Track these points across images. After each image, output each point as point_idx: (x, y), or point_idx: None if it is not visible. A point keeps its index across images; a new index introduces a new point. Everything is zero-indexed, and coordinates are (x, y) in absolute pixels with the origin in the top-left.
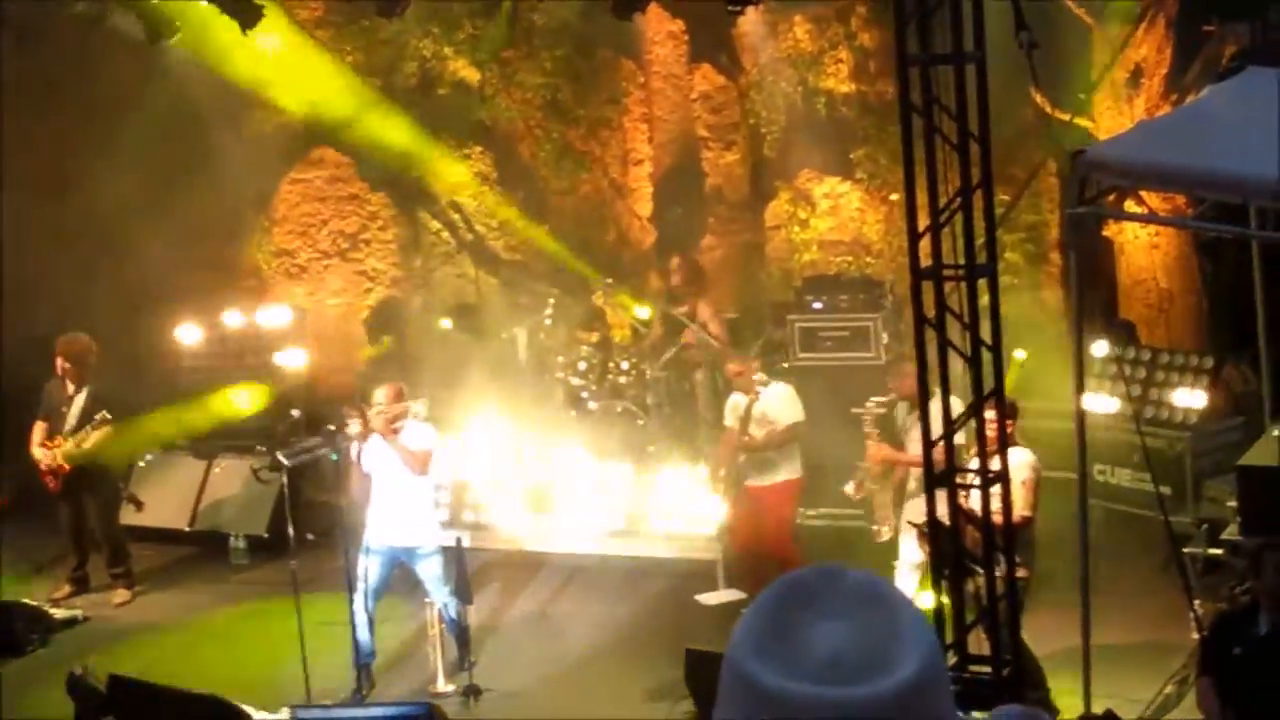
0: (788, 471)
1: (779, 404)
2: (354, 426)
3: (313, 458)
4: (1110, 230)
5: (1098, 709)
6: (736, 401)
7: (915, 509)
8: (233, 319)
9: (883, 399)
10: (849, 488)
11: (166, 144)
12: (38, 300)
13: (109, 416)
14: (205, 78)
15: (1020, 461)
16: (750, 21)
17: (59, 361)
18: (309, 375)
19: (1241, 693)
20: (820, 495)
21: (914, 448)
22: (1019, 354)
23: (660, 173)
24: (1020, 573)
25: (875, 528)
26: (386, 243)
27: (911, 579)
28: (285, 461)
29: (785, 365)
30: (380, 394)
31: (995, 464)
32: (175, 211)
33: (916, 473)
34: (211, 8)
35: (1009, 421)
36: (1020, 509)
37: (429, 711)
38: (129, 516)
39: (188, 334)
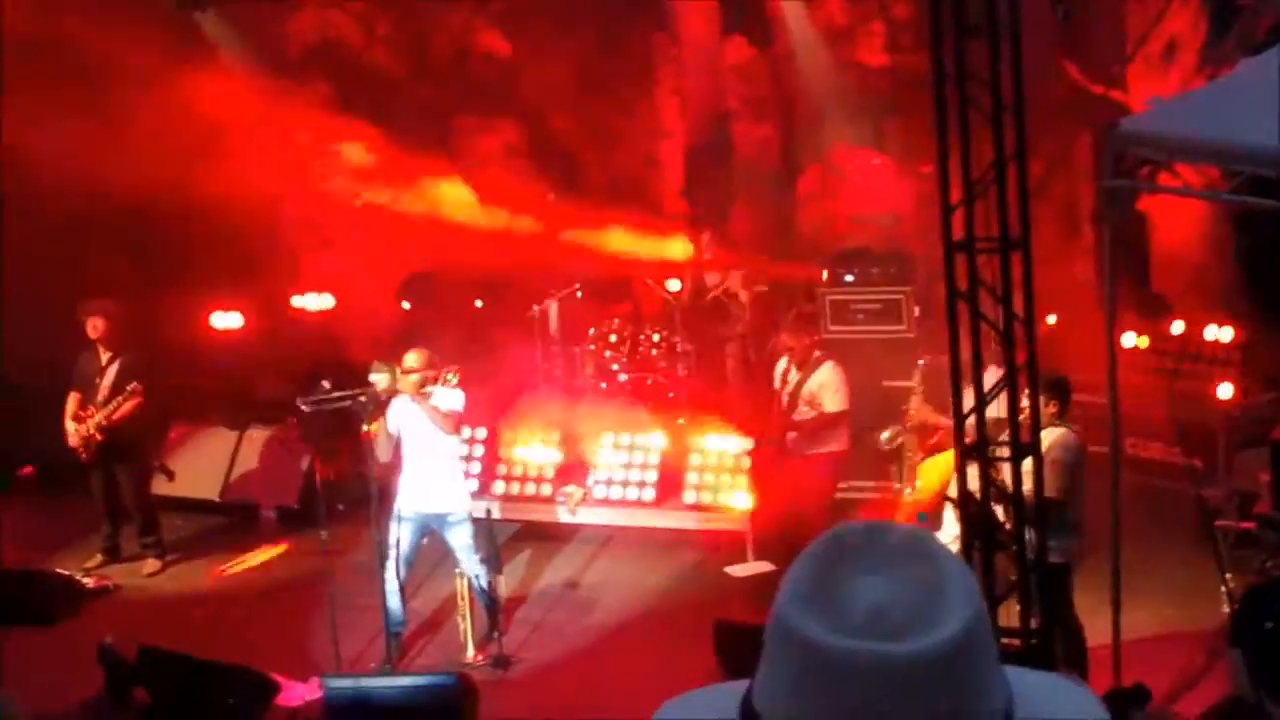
0: (835, 444)
1: (826, 389)
2: (382, 379)
3: (335, 408)
4: (1143, 203)
5: (1127, 681)
6: (785, 369)
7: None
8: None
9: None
10: (885, 435)
11: (197, 114)
12: (61, 274)
13: (140, 387)
14: (237, 47)
15: (1049, 441)
16: None
17: (89, 327)
18: (339, 347)
19: (1272, 666)
20: (853, 469)
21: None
22: (1048, 319)
23: (691, 145)
24: (1053, 558)
25: (897, 485)
26: (417, 215)
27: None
28: (305, 408)
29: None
30: (411, 357)
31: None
32: (205, 182)
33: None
34: None
35: (1054, 401)
36: (1045, 490)
37: (458, 681)
38: (160, 486)
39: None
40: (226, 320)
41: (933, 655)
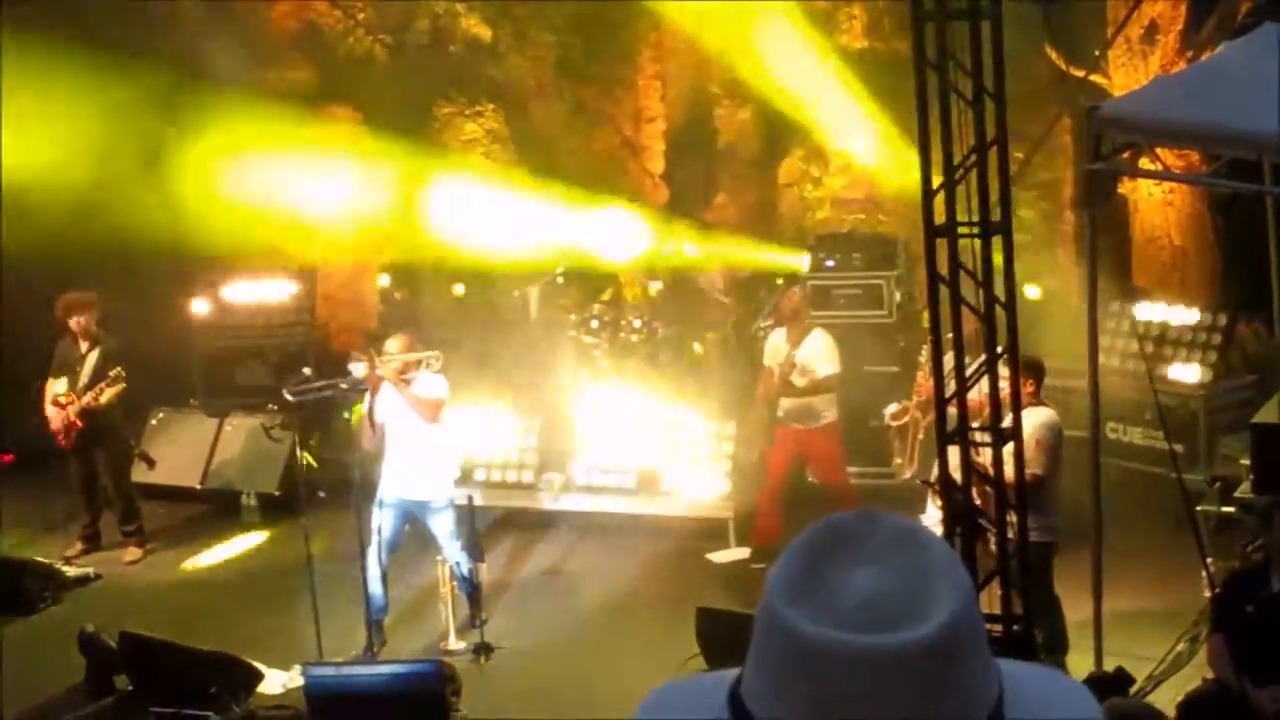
0: (830, 414)
1: (818, 354)
2: (360, 369)
3: (319, 397)
4: (1124, 188)
5: (1109, 666)
6: (777, 345)
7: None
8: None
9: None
10: (891, 408)
11: (176, 101)
12: (41, 257)
13: (123, 373)
14: (215, 33)
15: (1035, 421)
16: None
17: (71, 323)
18: (320, 334)
19: (1253, 650)
20: (849, 454)
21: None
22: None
23: (673, 130)
24: (1037, 535)
25: (897, 461)
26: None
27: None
28: (291, 398)
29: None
30: (392, 344)
31: (1009, 422)
32: (186, 169)
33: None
34: None
35: (1030, 381)
36: (1030, 468)
37: (440, 669)
38: (141, 474)
39: (199, 305)
40: (205, 307)
41: (921, 647)
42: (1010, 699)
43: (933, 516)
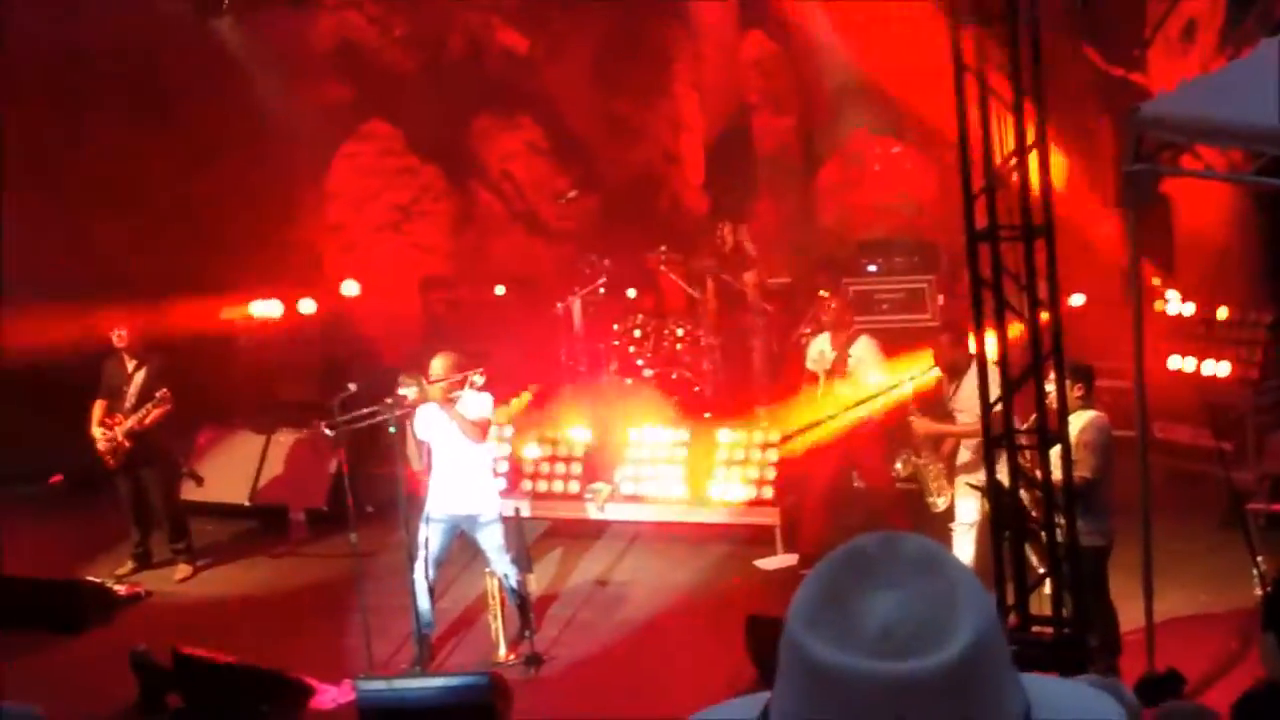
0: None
1: (866, 360)
2: (411, 392)
3: (364, 426)
4: (1167, 187)
5: (1160, 667)
6: (823, 350)
7: (968, 472)
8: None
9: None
10: (898, 466)
11: (217, 119)
12: (88, 279)
13: (169, 394)
14: (257, 52)
15: (1082, 423)
16: None
17: (114, 336)
18: (366, 346)
19: None
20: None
21: (961, 417)
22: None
23: (712, 139)
24: (1088, 539)
25: (930, 499)
26: (439, 214)
27: (968, 538)
28: (329, 432)
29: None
30: (437, 364)
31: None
32: (228, 186)
33: (967, 440)
34: None
35: (1079, 385)
36: (1079, 470)
37: (491, 681)
38: (189, 492)
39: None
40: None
41: (940, 672)
42: (1036, 717)
43: (965, 521)
